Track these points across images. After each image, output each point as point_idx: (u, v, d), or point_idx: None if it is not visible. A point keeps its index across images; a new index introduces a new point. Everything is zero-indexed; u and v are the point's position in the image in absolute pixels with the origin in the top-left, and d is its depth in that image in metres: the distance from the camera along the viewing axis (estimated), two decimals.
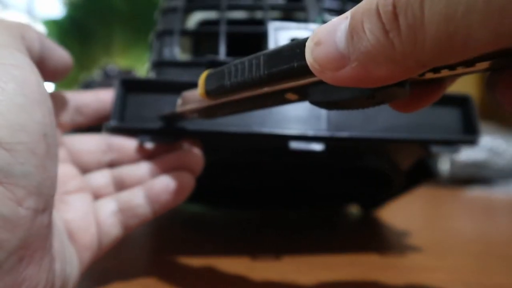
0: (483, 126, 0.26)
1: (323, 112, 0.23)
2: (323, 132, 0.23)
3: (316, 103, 0.14)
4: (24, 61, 0.15)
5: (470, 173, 0.70)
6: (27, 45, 0.17)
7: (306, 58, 0.12)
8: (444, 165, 0.69)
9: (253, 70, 0.15)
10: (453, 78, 0.14)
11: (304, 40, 0.12)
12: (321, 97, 0.14)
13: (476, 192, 0.65)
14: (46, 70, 0.19)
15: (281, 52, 0.14)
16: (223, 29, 0.25)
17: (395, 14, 0.10)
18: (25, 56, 0.16)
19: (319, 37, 0.12)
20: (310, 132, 0.23)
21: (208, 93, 0.17)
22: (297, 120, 0.23)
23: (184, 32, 0.27)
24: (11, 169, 0.13)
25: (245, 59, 0.15)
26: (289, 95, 0.16)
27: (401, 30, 0.10)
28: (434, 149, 0.24)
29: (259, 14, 0.35)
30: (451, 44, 0.09)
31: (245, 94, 0.16)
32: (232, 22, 0.27)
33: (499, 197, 0.62)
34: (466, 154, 0.69)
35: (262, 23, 0.26)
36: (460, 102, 0.25)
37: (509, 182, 0.70)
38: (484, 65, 0.11)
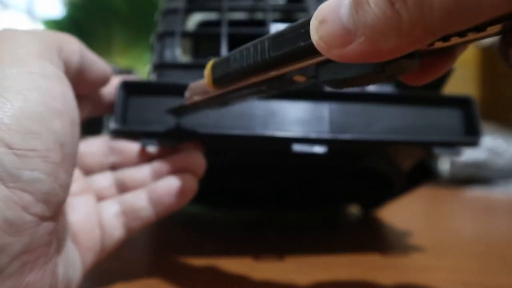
0: (483, 126, 0.26)
1: (325, 114, 0.23)
2: (326, 134, 0.23)
3: (325, 82, 0.14)
4: (52, 72, 0.16)
5: (470, 173, 0.70)
6: (64, 57, 0.17)
7: (312, 37, 0.12)
8: (444, 165, 0.70)
9: (258, 55, 0.14)
10: (464, 45, 0.14)
11: (308, 20, 0.12)
12: (330, 75, 0.13)
13: (476, 192, 0.65)
14: (85, 82, 0.20)
15: (286, 33, 0.13)
16: (224, 30, 0.25)
17: None
18: (55, 67, 0.16)
19: (323, 14, 0.11)
20: (313, 135, 0.23)
21: (215, 82, 0.17)
22: (299, 122, 0.23)
23: (185, 34, 0.27)
24: (20, 174, 0.13)
25: (250, 45, 0.15)
26: (297, 77, 0.15)
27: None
28: (436, 151, 0.24)
29: (260, 15, 0.35)
30: (460, 10, 0.09)
31: (252, 79, 0.16)
32: (233, 23, 0.27)
33: (499, 197, 0.62)
34: (466, 154, 0.68)
35: (263, 24, 0.26)
36: (462, 103, 0.25)
37: (509, 182, 0.70)
38: (495, 28, 0.11)
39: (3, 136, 0.13)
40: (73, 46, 0.18)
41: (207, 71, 0.17)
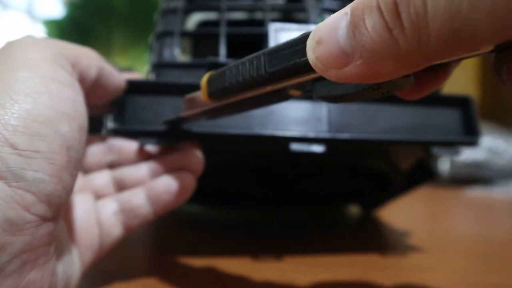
0: (483, 126, 0.26)
1: (324, 113, 0.23)
2: (324, 134, 0.23)
3: (321, 98, 0.14)
4: (64, 77, 0.16)
5: (470, 173, 0.70)
6: (81, 69, 0.18)
7: (308, 57, 0.12)
8: (444, 165, 0.69)
9: (254, 70, 0.14)
10: (458, 61, 0.14)
11: (303, 36, 0.12)
12: (325, 91, 0.13)
13: (476, 192, 0.65)
14: (99, 94, 0.20)
15: (282, 49, 0.13)
16: (223, 30, 0.25)
17: (397, 12, 0.10)
18: (68, 74, 0.17)
19: (321, 35, 0.11)
20: (311, 134, 0.23)
21: (211, 96, 0.17)
22: (298, 122, 0.23)
23: (184, 34, 0.27)
24: (23, 174, 0.13)
25: (246, 60, 0.15)
26: (293, 92, 0.15)
27: (405, 27, 0.10)
28: (435, 150, 0.24)
29: (259, 15, 0.35)
30: (456, 40, 0.09)
31: (248, 94, 0.16)
32: (232, 23, 0.27)
33: (499, 197, 0.62)
34: (466, 154, 0.69)
35: (262, 24, 0.26)
36: (461, 103, 0.25)
37: (509, 182, 0.70)
38: (489, 47, 0.11)
39: (8, 137, 0.13)
40: (91, 60, 0.19)
41: (203, 84, 0.17)
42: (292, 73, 0.13)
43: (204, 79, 0.18)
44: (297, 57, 0.13)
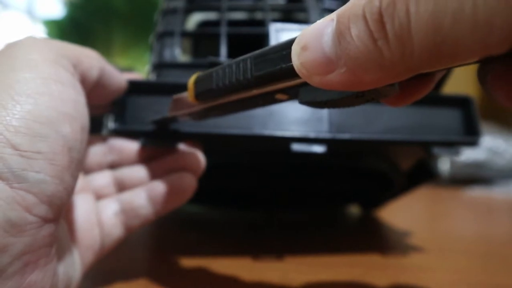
0: (483, 126, 0.26)
1: (324, 114, 0.23)
2: (325, 134, 0.23)
3: (305, 103, 0.14)
4: (66, 78, 0.16)
5: (470, 173, 0.70)
6: (82, 70, 0.18)
7: (293, 63, 0.12)
8: (444, 165, 0.69)
9: (240, 73, 0.15)
10: (443, 70, 0.14)
11: (290, 41, 0.12)
12: (310, 97, 0.14)
13: (476, 192, 0.65)
14: (101, 94, 0.20)
15: (268, 54, 0.13)
16: (223, 30, 0.25)
17: (382, 22, 0.10)
18: (69, 74, 0.17)
19: (305, 41, 0.11)
20: (312, 134, 0.23)
21: (198, 97, 0.17)
22: (298, 122, 0.23)
23: (185, 34, 0.27)
24: (25, 175, 0.13)
25: (233, 62, 0.15)
26: (279, 96, 0.16)
27: (389, 38, 0.10)
28: (435, 150, 0.24)
29: (259, 15, 0.35)
30: (439, 53, 0.09)
31: (235, 96, 0.16)
32: (232, 23, 0.27)
33: (499, 197, 0.62)
34: (466, 154, 0.69)
35: (262, 24, 0.26)
36: (461, 103, 0.25)
37: (509, 182, 0.70)
38: (472, 60, 0.11)
39: (10, 138, 0.13)
40: (93, 61, 0.19)
41: (190, 85, 0.17)
42: (277, 78, 0.13)
43: (191, 80, 0.18)
44: (282, 62, 0.13)
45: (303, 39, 0.11)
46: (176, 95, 0.20)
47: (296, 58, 0.12)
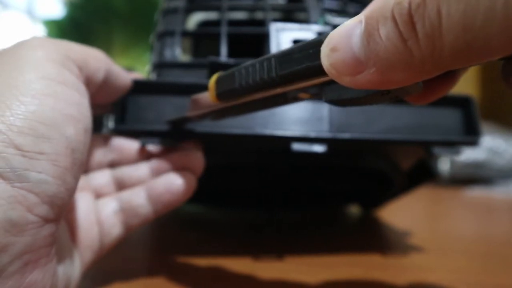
0: (483, 126, 0.26)
1: (325, 113, 0.23)
2: (325, 134, 0.23)
3: (330, 101, 0.14)
4: (70, 80, 0.16)
5: (470, 173, 0.70)
6: (88, 72, 0.18)
7: (323, 64, 0.12)
8: (444, 165, 0.70)
9: (265, 72, 0.15)
10: (467, 68, 0.14)
11: (316, 41, 0.12)
12: (335, 95, 0.14)
13: (476, 192, 0.65)
14: (106, 94, 0.20)
15: (293, 53, 0.14)
16: (224, 30, 0.25)
17: (412, 23, 0.10)
18: (74, 77, 0.17)
19: (335, 42, 0.11)
20: (312, 134, 0.23)
21: (220, 97, 0.17)
22: (299, 121, 0.23)
23: (185, 33, 0.27)
24: (27, 175, 0.13)
25: (256, 62, 0.15)
26: (302, 95, 0.16)
27: (419, 38, 0.10)
28: (436, 150, 0.24)
29: (259, 15, 0.35)
30: (469, 51, 0.09)
31: (257, 95, 0.16)
32: (233, 23, 0.27)
33: (499, 197, 0.62)
34: (466, 154, 0.69)
35: (263, 23, 0.26)
36: (461, 103, 0.25)
37: (509, 182, 0.70)
38: (499, 56, 0.11)
39: (13, 138, 0.13)
40: (100, 63, 0.19)
41: (211, 84, 0.18)
42: (303, 76, 0.13)
43: (212, 80, 0.18)
44: (309, 61, 0.13)
45: (332, 41, 0.12)
46: (195, 96, 0.20)
47: (326, 60, 0.12)
